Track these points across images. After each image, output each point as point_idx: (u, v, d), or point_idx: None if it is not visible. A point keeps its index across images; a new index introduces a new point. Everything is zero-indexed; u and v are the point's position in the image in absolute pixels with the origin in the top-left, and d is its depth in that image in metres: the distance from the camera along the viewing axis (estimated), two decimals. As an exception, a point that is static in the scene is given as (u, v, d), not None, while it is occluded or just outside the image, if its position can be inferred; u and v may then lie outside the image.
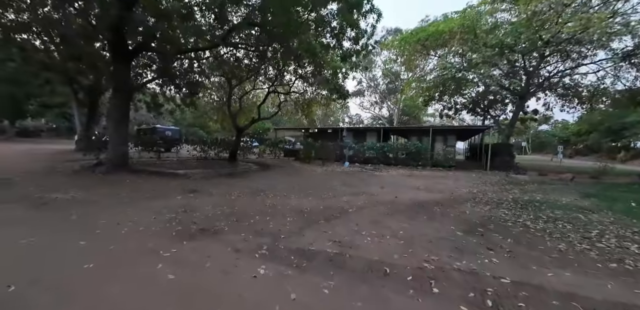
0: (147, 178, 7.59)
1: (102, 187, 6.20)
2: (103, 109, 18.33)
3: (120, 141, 7.98)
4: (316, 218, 4.45)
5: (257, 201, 5.57)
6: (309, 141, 15.71)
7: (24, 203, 4.58)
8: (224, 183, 7.62)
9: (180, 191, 6.16)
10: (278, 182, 8.13)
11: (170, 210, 4.53)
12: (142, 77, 14.66)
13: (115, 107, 7.84)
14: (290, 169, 12.41)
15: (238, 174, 9.62)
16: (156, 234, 3.40)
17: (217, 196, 5.86)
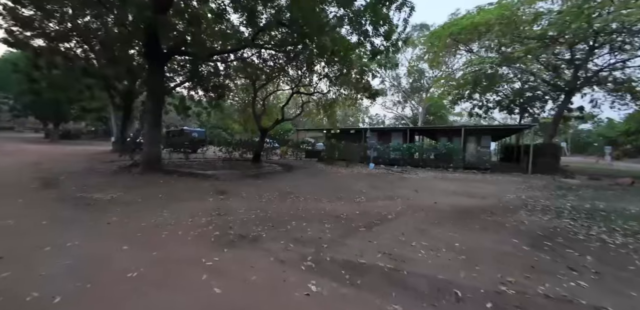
0: (179, 179, 7.69)
1: (139, 187, 6.32)
2: (136, 112, 19.33)
3: (154, 143, 8.19)
4: (355, 225, 4.14)
5: (289, 204, 5.37)
6: (333, 142, 15.43)
7: (69, 202, 4.72)
8: (252, 185, 7.53)
9: (211, 193, 6.13)
10: (305, 184, 7.92)
11: (205, 213, 4.44)
12: (172, 81, 15.30)
13: (150, 110, 8.08)
14: (314, 170, 12.18)
15: (264, 176, 9.55)
16: (195, 240, 3.26)
17: (248, 199, 5.73)
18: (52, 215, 3.95)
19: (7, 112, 30.16)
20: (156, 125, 8.22)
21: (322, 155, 17.93)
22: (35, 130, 34.89)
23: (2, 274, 2.22)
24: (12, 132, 32.89)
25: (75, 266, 2.46)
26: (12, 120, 34.68)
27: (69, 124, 32.06)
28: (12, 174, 7.46)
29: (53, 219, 3.78)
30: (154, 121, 8.13)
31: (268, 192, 6.51)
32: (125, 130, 17.38)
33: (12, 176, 7.18)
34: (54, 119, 25.86)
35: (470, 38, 13.41)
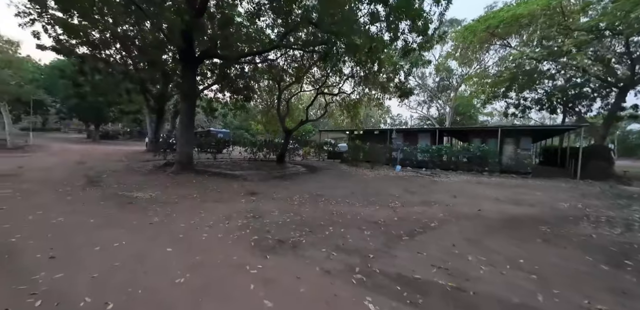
0: (210, 179, 7.83)
1: (174, 187, 6.48)
2: (167, 114, 20.31)
3: (187, 144, 8.43)
4: (397, 232, 3.85)
5: (322, 208, 5.19)
6: (357, 143, 15.10)
7: (113, 201, 4.90)
8: (281, 186, 7.46)
9: (242, 193, 6.12)
10: (334, 187, 7.71)
11: (240, 215, 4.39)
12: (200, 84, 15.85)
13: (184, 112, 8.33)
14: (339, 172, 11.94)
15: (290, 177, 9.48)
16: (236, 243, 3.17)
17: (280, 200, 5.64)
18: (98, 214, 4.09)
19: (55, 115, 33.14)
20: (189, 127, 8.46)
21: (345, 156, 17.64)
22: (78, 131, 38.04)
23: (56, 275, 2.24)
24: (58, 133, 36.11)
25: (124, 268, 2.44)
26: (58, 122, 38.09)
27: (108, 125, 34.56)
28: (60, 173, 8.01)
29: (100, 217, 3.90)
30: (187, 122, 8.37)
31: (298, 194, 6.39)
32: (158, 131, 18.30)
33: (60, 174, 7.71)
34: (95, 121, 27.96)
35: (509, 31, 12.43)
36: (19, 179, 6.76)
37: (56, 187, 5.93)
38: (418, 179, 10.33)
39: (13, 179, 6.76)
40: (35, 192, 5.34)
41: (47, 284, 2.09)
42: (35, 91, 20.52)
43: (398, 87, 9.96)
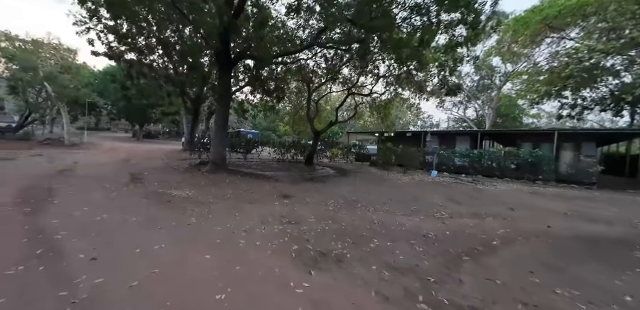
0: (243, 179, 7.81)
1: (209, 186, 6.51)
2: (202, 115, 21.30)
3: (221, 144, 8.55)
4: (454, 251, 3.33)
5: (360, 215, 4.79)
6: (388, 146, 14.42)
7: (153, 199, 4.96)
8: (313, 189, 7.19)
9: (275, 196, 5.94)
10: (368, 192, 7.25)
11: (275, 219, 4.16)
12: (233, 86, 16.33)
13: (218, 113, 8.47)
14: (370, 176, 11.40)
15: (320, 179, 9.19)
16: (275, 254, 2.91)
17: (314, 205, 5.34)
18: (140, 212, 4.11)
19: (106, 116, 36.71)
20: (224, 127, 8.57)
21: (374, 159, 16.99)
22: (125, 130, 41.73)
23: (97, 279, 2.13)
24: (108, 132, 39.93)
25: (163, 277, 2.28)
26: (109, 122, 42.14)
27: (150, 125, 37.39)
28: (109, 169, 8.55)
29: (141, 216, 3.90)
30: (221, 123, 8.49)
31: (332, 198, 6.06)
32: (193, 132, 19.20)
33: (108, 171, 8.21)
34: (140, 122, 30.37)
35: (569, 22, 10.95)
36: (73, 173, 7.28)
37: (104, 182, 6.25)
38: (459, 186, 9.44)
39: (68, 173, 7.31)
40: (84, 187, 5.64)
41: (87, 291, 1.97)
42: (90, 94, 22.75)
43: (443, 85, 9.19)
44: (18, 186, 5.24)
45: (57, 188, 5.34)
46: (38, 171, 7.20)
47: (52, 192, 4.96)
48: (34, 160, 9.47)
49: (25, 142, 16.65)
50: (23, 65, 16.90)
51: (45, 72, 17.38)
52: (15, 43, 17.39)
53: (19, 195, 4.60)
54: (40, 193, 4.85)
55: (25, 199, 4.41)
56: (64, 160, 10.08)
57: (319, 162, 15.93)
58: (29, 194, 4.71)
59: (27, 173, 6.76)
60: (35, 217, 3.54)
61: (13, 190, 4.90)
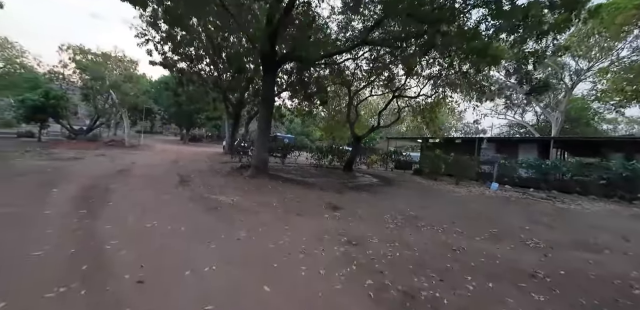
0: (285, 185, 7.42)
1: (252, 192, 6.20)
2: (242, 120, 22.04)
3: (264, 148, 8.34)
4: (589, 303, 2.36)
5: (430, 238, 3.96)
6: (437, 153, 13.07)
7: (201, 205, 4.73)
8: (361, 200, 6.48)
9: (323, 206, 5.36)
10: (425, 206, 6.31)
11: (332, 238, 3.56)
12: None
13: (262, 116, 8.32)
14: (419, 186, 10.29)
15: (365, 188, 8.42)
16: (347, 290, 2.29)
17: (370, 221, 4.64)
18: (188, 219, 3.83)
19: (159, 120, 40.55)
20: (266, 131, 8.38)
21: (417, 167, 15.67)
22: (174, 134, 45.65)
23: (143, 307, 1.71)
24: (160, 135, 43.99)
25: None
26: (161, 126, 46.50)
27: (195, 129, 40.23)
28: (160, 170, 8.86)
29: (190, 225, 3.61)
30: (264, 127, 8.30)
31: (386, 212, 5.30)
32: (234, 135, 19.86)
33: (160, 171, 8.48)
34: (187, 126, 32.79)
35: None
36: (130, 173, 7.60)
37: (155, 184, 6.32)
38: (535, 203, 7.91)
39: (126, 173, 7.65)
40: (138, 187, 5.69)
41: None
42: (147, 101, 25.13)
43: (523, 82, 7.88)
44: (81, 185, 5.44)
45: (114, 188, 5.44)
46: (100, 170, 7.66)
47: (109, 193, 5.02)
48: (98, 160, 10.30)
49: (93, 142, 18.71)
50: (94, 75, 19.18)
51: (111, 81, 19.51)
52: (88, 56, 19.87)
53: (80, 194, 4.69)
54: (98, 193, 4.93)
55: (85, 198, 4.46)
56: (123, 160, 10.82)
57: (357, 169, 15.14)
58: (88, 194, 4.80)
59: (91, 172, 7.19)
60: (90, 220, 3.43)
61: (76, 189, 5.06)
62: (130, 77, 21.37)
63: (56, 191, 4.80)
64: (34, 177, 5.97)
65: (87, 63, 19.53)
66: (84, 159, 10.36)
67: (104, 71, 19.60)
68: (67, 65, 20.14)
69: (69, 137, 19.98)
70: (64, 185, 5.35)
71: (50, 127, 20.36)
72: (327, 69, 10.82)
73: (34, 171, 6.64)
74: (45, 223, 3.20)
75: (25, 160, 8.47)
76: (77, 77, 20.60)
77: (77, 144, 16.90)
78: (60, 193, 4.70)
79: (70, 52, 19.71)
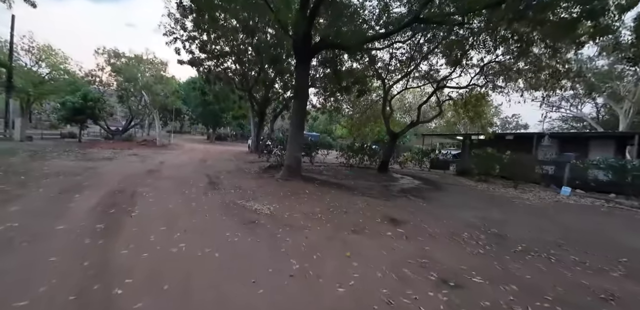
0: (322, 189, 6.52)
1: (289, 198, 5.37)
2: (267, 118, 21.59)
3: (298, 147, 7.52)
4: None
5: (544, 271, 2.81)
6: (490, 152, 11.39)
7: (235, 216, 3.95)
8: (420, 210, 5.38)
9: (378, 219, 4.36)
10: (503, 220, 5.06)
11: (416, 273, 2.56)
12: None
13: (295, 111, 7.47)
14: (473, 191, 8.89)
15: (414, 193, 7.25)
16: None
17: (448, 242, 3.57)
18: (221, 239, 3.05)
19: (187, 121, 41.91)
20: (300, 128, 7.53)
21: (460, 167, 14.06)
22: (201, 133, 47.07)
23: None
24: (188, 135, 45.52)
25: None
26: (189, 126, 48.14)
27: (221, 129, 41.00)
28: (189, 170, 8.41)
29: (224, 248, 2.81)
30: (298, 123, 7.45)
31: (460, 228, 4.19)
32: (259, 134, 19.45)
33: (188, 172, 8.01)
34: (213, 125, 33.35)
35: None
36: (158, 175, 7.16)
37: (183, 187, 5.74)
38: (636, 216, 6.25)
39: (155, 174, 7.23)
40: (166, 192, 5.11)
41: None
42: (176, 101, 25.66)
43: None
44: (106, 190, 4.96)
45: (140, 193, 4.89)
46: (129, 171, 7.32)
47: (134, 200, 4.45)
48: (129, 160, 10.16)
49: (128, 142, 19.30)
50: (127, 77, 19.72)
51: (143, 82, 19.94)
52: (121, 59, 20.50)
53: (102, 202, 4.14)
54: (123, 200, 4.37)
55: (107, 207, 3.88)
56: (154, 160, 10.63)
57: (390, 169, 13.88)
58: (112, 201, 4.24)
59: (119, 173, 6.84)
60: (104, 241, 2.74)
61: (100, 195, 4.55)
62: (160, 78, 21.81)
63: (78, 197, 4.31)
64: (61, 179, 5.64)
65: (121, 65, 20.15)
66: (116, 158, 10.29)
67: (136, 73, 20.10)
68: (104, 68, 20.97)
69: (106, 137, 20.85)
70: (88, 190, 4.89)
71: (90, 128, 21.43)
72: (366, 57, 9.64)
73: (64, 172, 6.37)
74: (51, 246, 2.56)
75: (60, 161, 8.42)
76: (112, 80, 21.38)
77: (113, 144, 17.44)
78: (82, 200, 4.18)
79: (106, 56, 20.46)
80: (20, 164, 7.28)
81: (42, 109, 32.28)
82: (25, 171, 6.28)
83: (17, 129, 14.84)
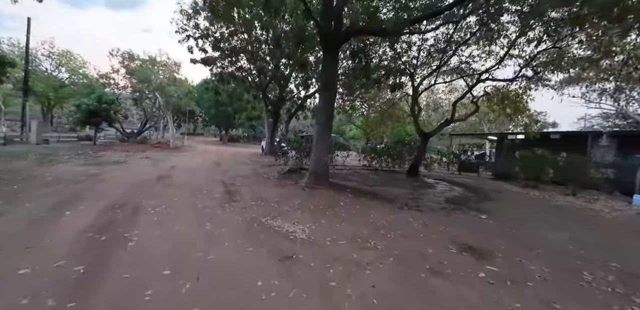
0: (359, 201, 5.47)
1: (324, 213, 4.37)
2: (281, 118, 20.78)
3: (325, 149, 6.52)
4: None
5: None
6: (540, 153, 9.91)
7: (263, 245, 2.97)
8: (489, 229, 4.25)
9: (454, 250, 3.25)
10: (611, 246, 3.84)
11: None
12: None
13: (321, 108, 6.48)
14: (528, 200, 7.58)
15: (464, 204, 6.07)
16: None
17: (573, 293, 2.44)
18: (252, 293, 2.06)
19: (200, 123, 41.95)
20: (328, 127, 6.52)
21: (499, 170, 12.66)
22: (214, 135, 47.10)
23: None
24: (201, 137, 45.60)
25: None
26: (202, 128, 48.30)
27: (233, 131, 40.75)
28: (202, 175, 7.58)
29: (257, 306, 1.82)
30: (325, 121, 6.44)
31: (566, 262, 3.05)
32: (273, 135, 18.63)
33: (201, 177, 7.18)
34: (225, 127, 33.01)
35: None
36: (169, 182, 6.35)
37: (196, 198, 4.87)
38: None
39: (165, 181, 6.43)
40: (175, 207, 4.22)
41: None
42: (190, 103, 25.36)
43: None
44: (106, 203, 4.13)
45: (144, 208, 4.03)
46: (138, 177, 6.56)
47: (136, 218, 3.58)
48: (141, 164, 9.50)
49: (142, 145, 18.97)
50: (141, 78, 19.43)
51: (156, 84, 19.61)
52: (135, 61, 20.28)
53: (96, 223, 3.28)
54: (122, 219, 3.50)
55: (98, 232, 3.00)
56: (165, 163, 9.94)
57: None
58: (108, 221, 3.38)
59: (127, 181, 6.08)
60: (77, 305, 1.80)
61: (97, 212, 3.71)
62: (174, 80, 21.50)
63: (69, 215, 3.48)
64: (59, 189, 4.88)
65: (135, 67, 19.93)
66: (127, 162, 9.65)
67: (150, 74, 19.83)
68: (118, 70, 20.83)
69: (121, 140, 20.66)
70: (85, 203, 4.08)
71: (107, 131, 21.36)
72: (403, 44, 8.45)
73: (66, 180, 5.65)
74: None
75: (67, 165, 7.81)
76: (127, 81, 21.21)
77: (127, 146, 17.10)
78: (73, 219, 3.35)
79: (120, 58, 20.29)
80: (23, 169, 6.67)
81: (62, 112, 33.07)
82: (25, 178, 5.61)
83: (33, 132, 14.66)
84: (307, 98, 17.56)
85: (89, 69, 29.70)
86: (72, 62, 29.33)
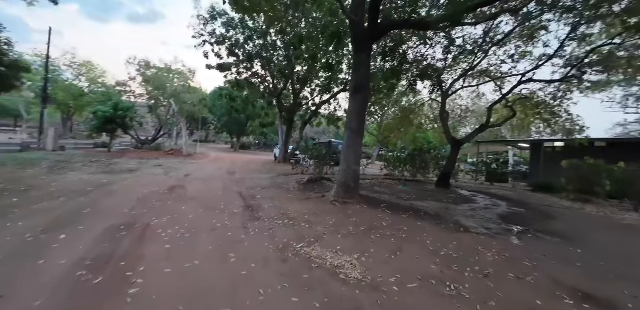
0: (401, 220, 4.61)
1: (369, 239, 3.53)
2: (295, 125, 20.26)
3: (355, 159, 5.75)
4: None
5: None
6: (596, 163, 8.72)
7: (305, 291, 2.18)
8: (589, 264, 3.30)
9: (565, 296, 2.36)
10: None
11: None
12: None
13: (354, 112, 5.76)
14: (593, 218, 6.48)
15: (526, 224, 5.10)
16: None
17: None
18: None
19: (213, 130, 42.18)
20: (359, 133, 5.77)
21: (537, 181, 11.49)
22: (225, 142, 47.26)
23: None
24: (213, 144, 45.86)
25: None
26: (215, 135, 48.63)
27: (244, 138, 40.75)
28: (217, 187, 6.93)
29: None
30: (356, 127, 5.71)
31: None
32: (287, 143, 18.05)
33: (217, 189, 6.53)
34: (237, 134, 32.87)
35: None
36: (182, 194, 5.72)
37: (213, 216, 4.17)
38: None
39: (177, 193, 5.81)
40: (190, 228, 3.52)
41: None
42: (203, 110, 25.36)
43: None
44: (109, 223, 3.48)
45: (154, 231, 3.35)
46: (149, 189, 5.96)
47: (143, 246, 2.88)
48: (153, 172, 8.99)
49: (156, 152, 18.77)
50: (156, 86, 19.49)
51: (171, 90, 19.60)
52: (151, 69, 20.47)
53: (90, 255, 2.59)
54: (125, 247, 2.81)
55: (93, 269, 2.30)
56: (179, 172, 9.41)
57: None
58: (108, 251, 2.69)
59: (137, 193, 5.48)
60: None
61: (95, 235, 3.05)
62: (188, 87, 21.55)
63: (62, 240, 2.81)
64: (59, 204, 4.30)
65: (151, 75, 20.08)
66: (140, 170, 9.17)
67: (165, 81, 19.90)
68: (135, 78, 21.06)
69: (136, 146, 20.61)
70: (85, 222, 3.43)
71: (122, 138, 21.42)
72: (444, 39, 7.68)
73: (70, 192, 5.09)
74: None
75: (77, 174, 7.34)
76: (142, 89, 21.37)
77: (141, 153, 16.88)
78: (64, 247, 2.67)
79: (137, 66, 20.54)
80: (30, 178, 6.20)
81: (81, 120, 33.96)
82: (27, 189, 5.10)
83: (50, 139, 14.63)
84: (323, 104, 17.01)
85: (107, 78, 30.49)
86: (92, 71, 30.26)
